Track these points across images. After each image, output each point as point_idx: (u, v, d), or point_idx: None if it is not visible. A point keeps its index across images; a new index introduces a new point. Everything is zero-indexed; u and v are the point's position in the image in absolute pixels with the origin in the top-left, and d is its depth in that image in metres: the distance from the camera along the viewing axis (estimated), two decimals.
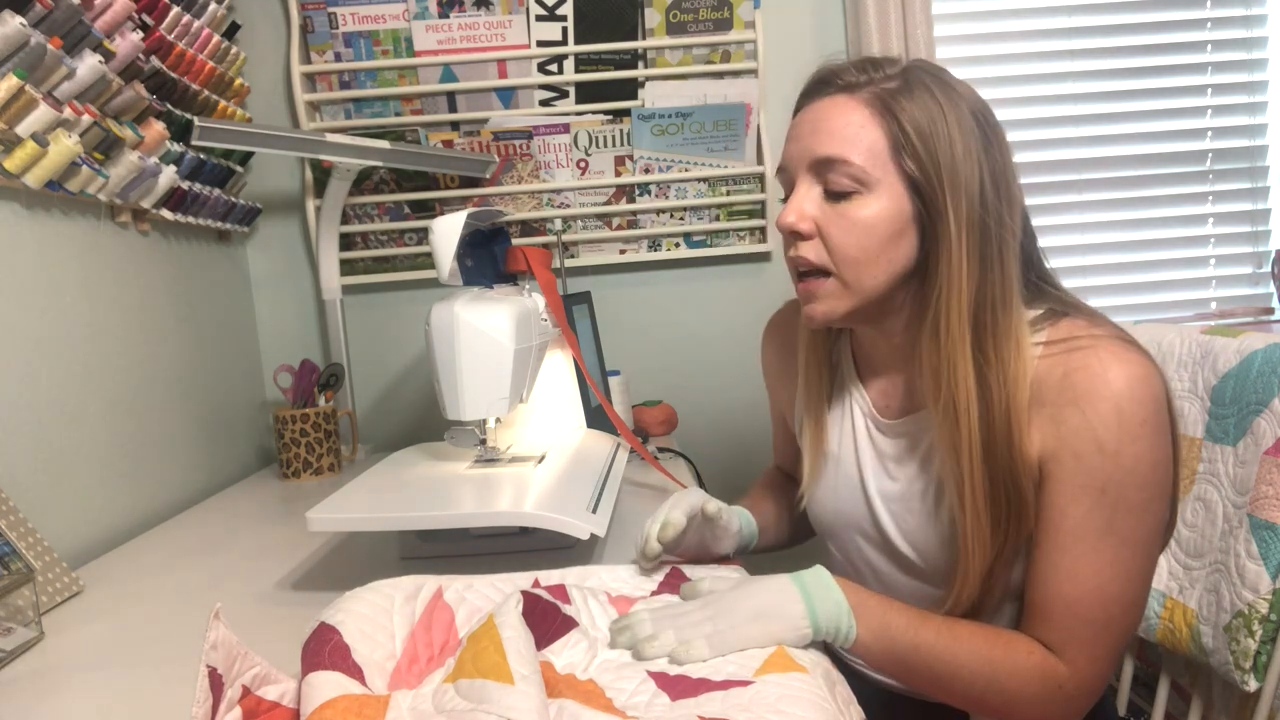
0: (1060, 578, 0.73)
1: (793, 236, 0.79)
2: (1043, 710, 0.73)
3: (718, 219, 1.71)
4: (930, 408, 0.78)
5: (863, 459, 0.88)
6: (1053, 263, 0.84)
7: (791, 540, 1.05)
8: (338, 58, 1.62)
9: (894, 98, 0.75)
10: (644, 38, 1.65)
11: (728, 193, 1.70)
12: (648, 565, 0.82)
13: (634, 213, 1.70)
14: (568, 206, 1.69)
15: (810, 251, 0.78)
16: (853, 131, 0.75)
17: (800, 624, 0.70)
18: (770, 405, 1.09)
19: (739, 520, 0.91)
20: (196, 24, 1.36)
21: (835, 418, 0.92)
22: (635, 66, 1.65)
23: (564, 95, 1.66)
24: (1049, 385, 0.74)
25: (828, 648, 0.74)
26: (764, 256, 1.74)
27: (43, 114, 0.98)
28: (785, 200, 0.81)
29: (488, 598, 0.72)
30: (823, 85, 0.79)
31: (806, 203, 0.77)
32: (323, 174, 1.63)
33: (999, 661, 0.72)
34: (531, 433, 1.21)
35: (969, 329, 0.74)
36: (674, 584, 0.79)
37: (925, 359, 0.77)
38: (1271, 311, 1.80)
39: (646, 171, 1.68)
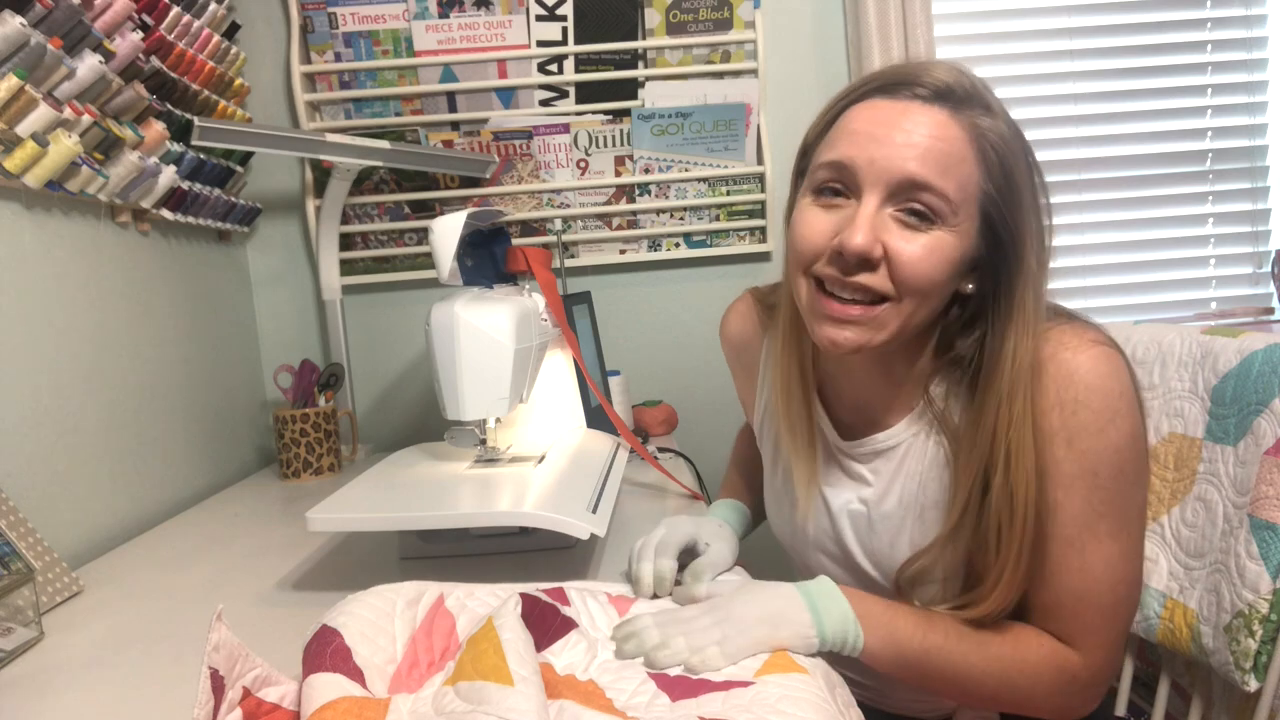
0: (1068, 570, 0.72)
1: (860, 263, 0.70)
2: (1060, 701, 0.73)
3: (718, 219, 1.71)
4: (980, 457, 0.74)
5: (826, 477, 0.87)
6: (1052, 262, 0.82)
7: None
8: (338, 58, 1.62)
9: (987, 129, 0.71)
10: (644, 38, 1.65)
11: (728, 193, 1.70)
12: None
13: (634, 213, 1.70)
14: (568, 206, 1.69)
15: (876, 280, 0.71)
16: (954, 161, 0.69)
17: (807, 631, 0.69)
18: (738, 395, 1.06)
19: (731, 542, 0.87)
20: (196, 24, 1.36)
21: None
22: (635, 66, 1.65)
23: (564, 95, 1.66)
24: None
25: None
26: (764, 256, 1.74)
27: (43, 114, 0.98)
28: (820, 198, 0.74)
29: (489, 606, 0.72)
30: (911, 85, 0.71)
31: (878, 224, 0.70)
32: (323, 174, 1.63)
33: (1009, 658, 0.72)
34: (531, 433, 1.21)
35: (1029, 372, 0.72)
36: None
37: (991, 414, 0.72)
38: (1271, 311, 1.80)
39: (646, 171, 1.68)
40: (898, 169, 0.69)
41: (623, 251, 1.72)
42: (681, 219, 1.71)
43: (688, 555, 0.82)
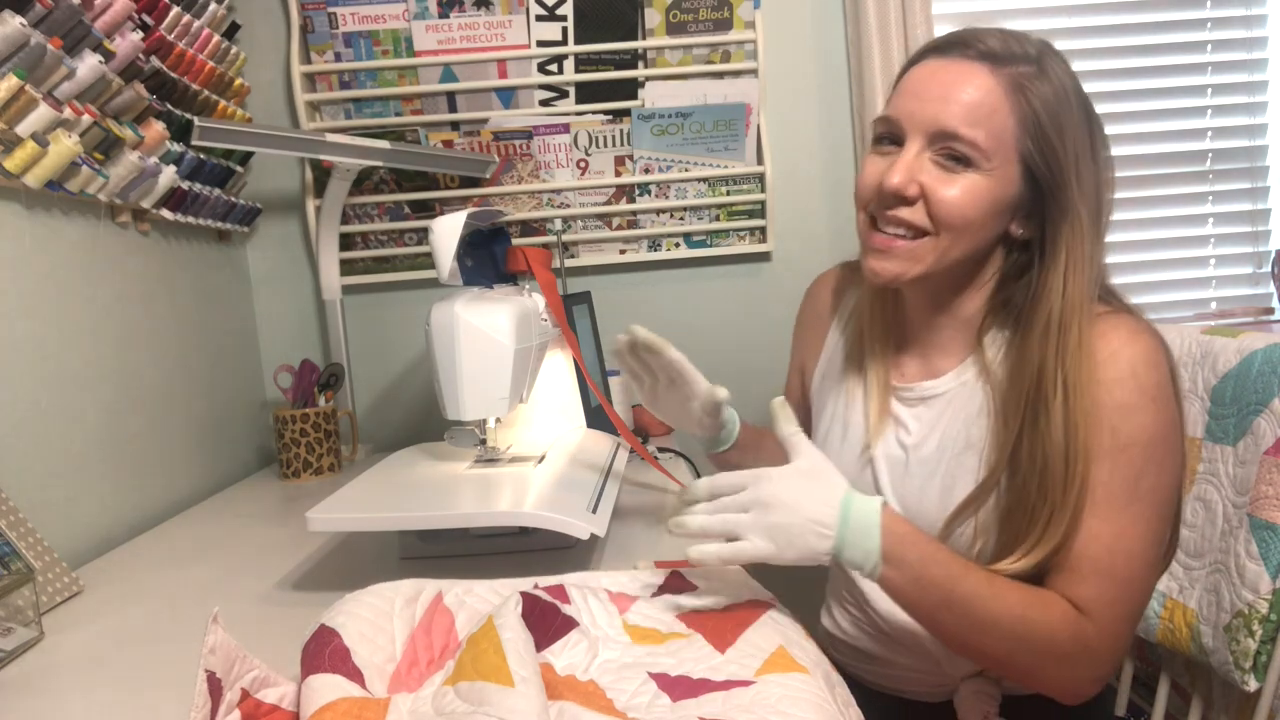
0: (1087, 537, 0.74)
1: (896, 198, 0.79)
2: (1069, 670, 0.74)
3: (718, 219, 1.71)
4: (1026, 390, 0.78)
5: (869, 420, 0.90)
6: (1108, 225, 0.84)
7: None
8: (338, 58, 1.62)
9: (1029, 85, 0.76)
10: (644, 38, 1.65)
11: (728, 193, 1.70)
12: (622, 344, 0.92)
13: (634, 213, 1.70)
14: (568, 206, 1.69)
15: (914, 215, 0.79)
16: (985, 112, 0.76)
17: (820, 555, 0.71)
18: (791, 356, 1.11)
19: (717, 404, 0.94)
20: (196, 24, 1.36)
21: (853, 379, 0.95)
22: (635, 66, 1.65)
23: (564, 95, 1.66)
24: None
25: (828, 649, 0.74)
26: (764, 256, 1.74)
27: (43, 114, 0.98)
28: (877, 147, 0.82)
29: (488, 602, 0.72)
30: (961, 46, 0.79)
31: (916, 166, 0.78)
32: (323, 174, 1.63)
33: (1035, 620, 0.72)
34: (531, 433, 1.21)
35: (1086, 303, 0.77)
36: (675, 585, 0.79)
37: (1037, 345, 0.78)
38: (1271, 311, 1.80)
39: (646, 171, 1.68)
40: (930, 120, 0.77)
41: (623, 251, 1.72)
42: (681, 219, 1.71)
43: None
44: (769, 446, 1.08)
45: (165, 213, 1.30)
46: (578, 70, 1.64)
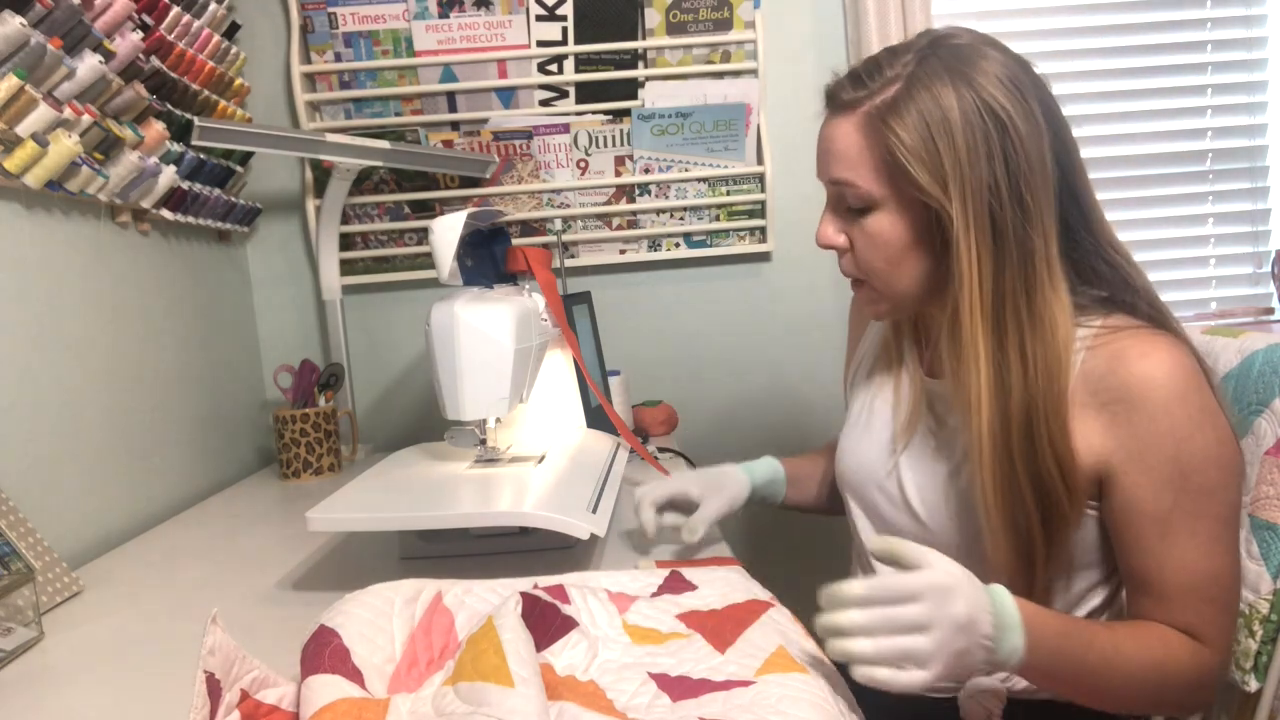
0: (1180, 565, 0.73)
1: (834, 250, 0.85)
2: (1201, 696, 0.75)
3: (718, 219, 1.71)
4: (956, 399, 0.80)
5: (899, 413, 0.91)
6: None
7: (828, 504, 1.09)
8: (338, 58, 1.62)
9: (888, 115, 0.75)
10: (644, 38, 1.64)
11: (728, 193, 1.70)
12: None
13: (634, 213, 1.70)
14: (568, 206, 1.69)
15: (847, 264, 0.85)
16: (854, 154, 0.78)
17: (980, 670, 0.65)
18: (847, 349, 1.13)
19: (727, 492, 0.98)
20: (196, 24, 1.36)
21: (883, 372, 0.96)
22: (635, 66, 1.65)
23: (564, 95, 1.66)
24: (1097, 379, 0.75)
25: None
26: (764, 256, 1.74)
27: (43, 114, 0.98)
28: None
29: (487, 602, 0.72)
30: (829, 101, 0.82)
31: (834, 220, 0.84)
32: (323, 174, 1.63)
33: (1168, 666, 0.72)
34: (531, 433, 1.21)
35: (987, 323, 0.76)
36: (674, 586, 0.79)
37: (946, 353, 0.80)
38: (1271, 311, 1.80)
39: (646, 171, 1.68)
40: (824, 175, 0.83)
41: (623, 251, 1.71)
42: (681, 219, 1.71)
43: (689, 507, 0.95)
44: (808, 473, 1.11)
45: (165, 213, 1.30)
46: (578, 70, 1.64)
